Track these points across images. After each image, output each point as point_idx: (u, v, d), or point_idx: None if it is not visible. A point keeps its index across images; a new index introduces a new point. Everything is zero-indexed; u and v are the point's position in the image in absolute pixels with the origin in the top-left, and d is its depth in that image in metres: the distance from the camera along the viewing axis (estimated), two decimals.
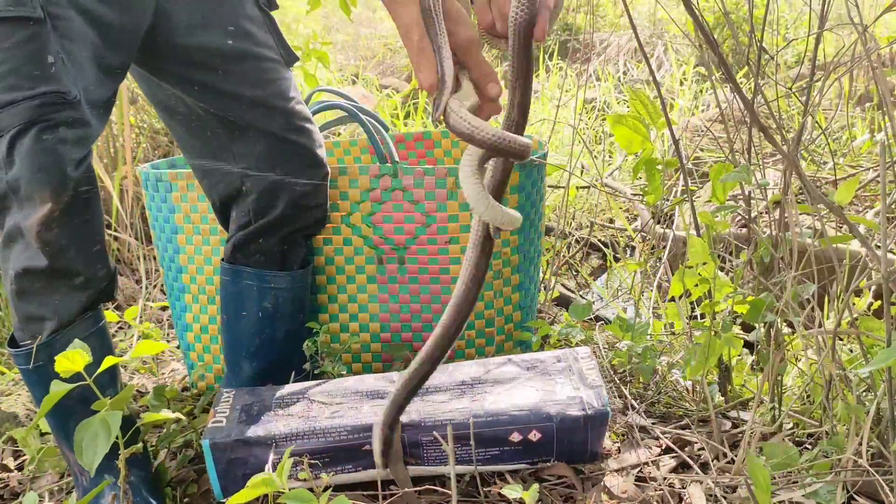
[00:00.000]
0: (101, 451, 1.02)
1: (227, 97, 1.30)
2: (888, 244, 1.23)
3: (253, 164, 1.35)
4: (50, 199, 1.06)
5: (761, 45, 1.40)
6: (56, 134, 1.06)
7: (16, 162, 1.05)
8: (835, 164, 2.52)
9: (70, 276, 1.12)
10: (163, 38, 1.25)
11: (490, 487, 1.20)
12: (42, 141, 1.05)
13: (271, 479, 0.94)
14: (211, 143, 1.35)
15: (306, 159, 1.37)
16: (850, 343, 1.49)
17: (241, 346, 1.45)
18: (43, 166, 1.05)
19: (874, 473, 1.01)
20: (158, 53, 1.27)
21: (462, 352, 1.63)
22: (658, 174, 1.35)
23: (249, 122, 1.32)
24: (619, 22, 5.82)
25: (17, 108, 1.05)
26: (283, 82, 1.35)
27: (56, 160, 1.06)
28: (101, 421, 1.03)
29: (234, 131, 1.33)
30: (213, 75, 1.28)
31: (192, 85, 1.29)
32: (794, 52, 4.58)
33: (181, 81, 1.29)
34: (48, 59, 1.06)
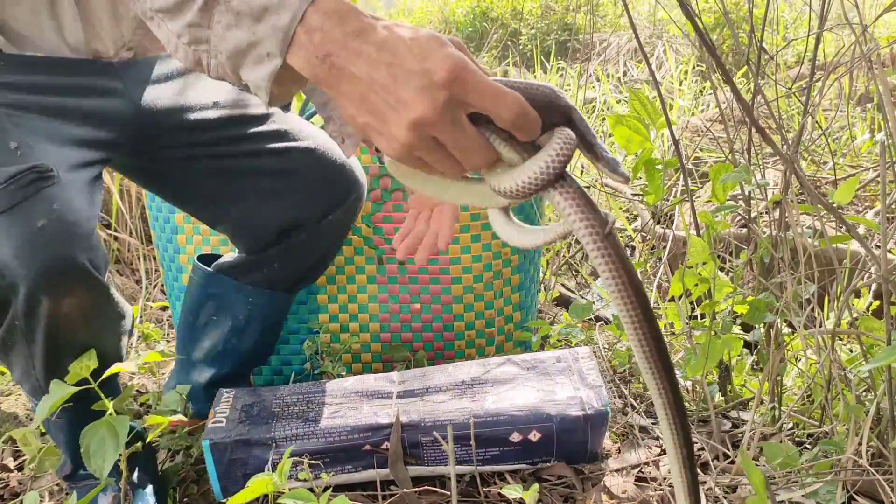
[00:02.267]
0: (109, 457, 1.01)
1: (242, 160, 1.26)
2: (888, 244, 1.23)
3: (286, 213, 1.29)
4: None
5: (761, 45, 1.40)
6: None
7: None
8: (835, 164, 2.52)
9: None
10: (152, 126, 1.20)
11: (490, 487, 1.20)
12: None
13: (271, 479, 0.94)
14: (239, 202, 1.30)
15: (339, 189, 1.32)
16: (850, 343, 1.49)
17: (200, 350, 1.40)
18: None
19: (874, 473, 1.01)
20: (154, 142, 1.21)
21: (462, 352, 1.63)
22: (658, 174, 1.35)
23: (273, 169, 1.27)
24: (619, 22, 5.83)
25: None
26: (289, 123, 1.30)
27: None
28: (107, 426, 1.02)
29: (261, 188, 1.29)
30: (215, 148, 1.25)
31: (198, 160, 1.25)
32: (794, 52, 4.58)
33: (185, 159, 1.25)
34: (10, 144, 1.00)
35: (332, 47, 0.62)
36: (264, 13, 0.63)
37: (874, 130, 2.98)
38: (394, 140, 0.62)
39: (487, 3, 6.86)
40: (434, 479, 1.22)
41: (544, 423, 1.19)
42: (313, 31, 0.62)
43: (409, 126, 0.60)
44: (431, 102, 0.59)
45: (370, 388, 1.30)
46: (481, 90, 0.60)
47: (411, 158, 0.63)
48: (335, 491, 1.14)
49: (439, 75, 0.59)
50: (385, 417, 1.20)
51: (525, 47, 6.18)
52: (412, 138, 0.61)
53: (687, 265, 1.33)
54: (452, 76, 0.59)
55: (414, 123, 0.60)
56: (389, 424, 1.18)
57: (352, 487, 1.20)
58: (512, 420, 1.19)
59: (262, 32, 0.63)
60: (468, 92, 0.60)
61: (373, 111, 0.62)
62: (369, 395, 1.28)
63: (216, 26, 0.66)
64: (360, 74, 0.61)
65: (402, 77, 0.60)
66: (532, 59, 5.57)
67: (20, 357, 1.04)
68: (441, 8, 7.19)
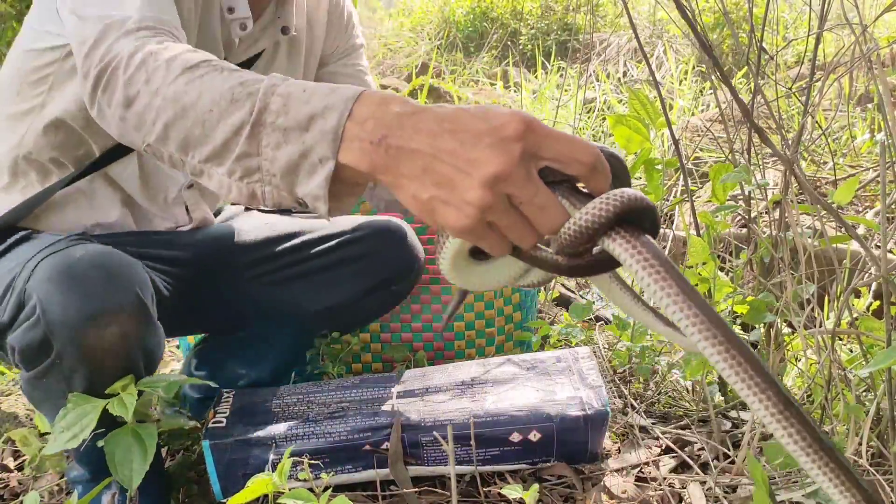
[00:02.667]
0: (138, 467, 0.98)
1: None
2: (888, 244, 1.23)
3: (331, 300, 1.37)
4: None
5: (761, 45, 1.40)
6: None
7: None
8: (835, 164, 2.52)
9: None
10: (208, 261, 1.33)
11: (490, 487, 1.20)
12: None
13: (271, 479, 0.94)
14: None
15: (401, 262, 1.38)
16: (850, 343, 1.49)
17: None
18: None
19: (874, 473, 1.01)
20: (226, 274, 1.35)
21: (462, 352, 1.63)
22: (658, 174, 1.35)
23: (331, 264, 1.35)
24: (619, 22, 5.82)
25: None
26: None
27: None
28: (133, 434, 1.00)
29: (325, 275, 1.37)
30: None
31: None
32: (794, 52, 4.58)
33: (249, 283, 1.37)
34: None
35: (387, 130, 0.59)
36: (311, 121, 0.62)
37: (874, 130, 2.98)
38: (466, 206, 0.57)
39: (487, 3, 6.85)
40: (434, 480, 1.22)
41: (544, 423, 1.19)
42: (365, 121, 0.60)
43: (483, 184, 0.56)
44: (508, 155, 0.55)
45: (370, 387, 1.30)
46: (555, 137, 0.57)
47: (482, 227, 0.58)
48: (335, 491, 1.14)
49: (511, 128, 0.56)
50: (385, 417, 1.20)
51: (525, 47, 6.17)
52: (488, 198, 0.56)
53: (687, 265, 1.33)
54: (524, 127, 0.56)
55: (490, 180, 0.55)
56: (389, 424, 1.18)
57: (352, 487, 1.20)
58: (512, 420, 1.19)
59: (312, 139, 0.62)
60: (541, 140, 0.57)
61: (439, 182, 0.57)
62: (369, 395, 1.28)
63: (265, 150, 0.65)
64: (423, 147, 0.58)
65: (470, 139, 0.56)
66: (532, 60, 5.57)
67: (53, 395, 1.01)
68: (441, 8, 7.18)
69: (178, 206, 1.31)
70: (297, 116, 0.63)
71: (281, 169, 0.64)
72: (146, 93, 0.74)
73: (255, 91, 0.66)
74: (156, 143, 0.73)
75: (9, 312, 0.99)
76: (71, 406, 0.98)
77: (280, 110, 0.64)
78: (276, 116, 0.64)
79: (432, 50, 6.46)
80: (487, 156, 0.55)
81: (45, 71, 1.12)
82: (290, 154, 0.64)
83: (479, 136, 0.56)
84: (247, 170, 0.67)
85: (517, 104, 4.15)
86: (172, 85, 0.72)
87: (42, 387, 1.02)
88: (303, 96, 0.64)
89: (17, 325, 0.98)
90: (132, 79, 0.75)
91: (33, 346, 0.96)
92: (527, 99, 4.14)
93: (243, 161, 0.67)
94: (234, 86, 0.68)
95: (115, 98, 0.77)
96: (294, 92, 0.65)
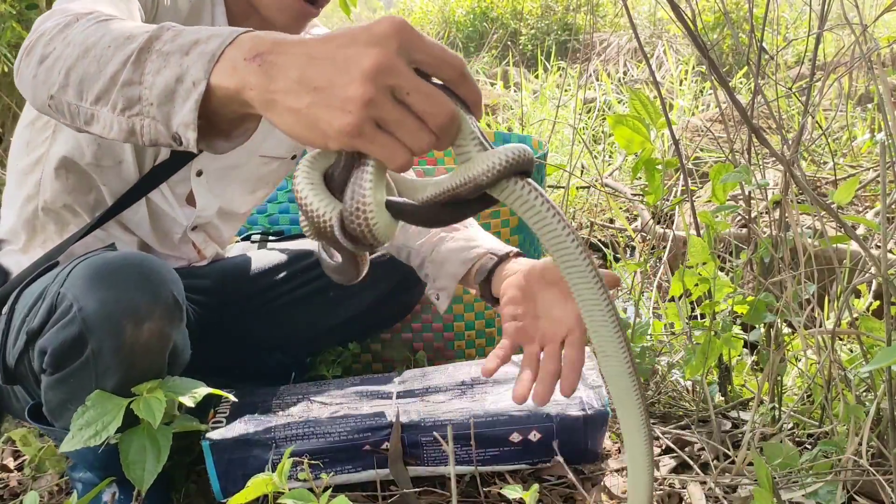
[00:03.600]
0: (150, 468, 0.98)
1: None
2: (888, 244, 1.22)
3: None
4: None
5: (761, 45, 1.40)
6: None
7: None
8: (835, 164, 2.52)
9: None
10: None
11: (490, 488, 1.20)
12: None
13: (271, 479, 0.94)
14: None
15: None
16: (850, 343, 1.49)
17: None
18: None
19: (874, 473, 1.01)
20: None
21: (462, 352, 1.63)
22: (658, 174, 1.35)
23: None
24: (619, 22, 5.83)
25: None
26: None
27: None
28: (148, 435, 1.00)
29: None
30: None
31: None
32: (794, 52, 4.58)
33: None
34: None
35: (264, 48, 0.57)
36: (193, 46, 0.61)
37: (874, 130, 2.98)
38: (349, 103, 0.53)
39: (487, 3, 6.86)
40: (434, 480, 1.22)
41: (544, 423, 1.19)
42: (243, 44, 0.58)
43: (364, 77, 0.53)
44: (385, 48, 0.53)
45: (370, 388, 1.30)
46: (427, 39, 0.56)
47: (370, 127, 0.54)
48: (335, 491, 1.14)
49: (384, 25, 0.54)
50: (385, 417, 1.20)
51: (525, 47, 6.18)
52: (370, 91, 0.53)
53: (687, 265, 1.33)
54: (398, 25, 0.54)
55: (370, 72, 0.53)
56: (389, 424, 1.18)
57: (352, 487, 1.20)
58: (512, 420, 1.19)
59: (189, 61, 0.60)
60: (415, 38, 0.55)
61: (317, 86, 0.54)
62: (369, 395, 1.28)
63: (146, 77, 0.63)
64: (297, 58, 0.55)
65: (345, 42, 0.54)
66: (532, 60, 5.57)
67: (79, 396, 1.00)
68: (441, 8, 7.18)
69: (186, 245, 1.34)
70: (182, 42, 0.61)
71: (158, 96, 0.62)
72: (60, 46, 0.72)
73: (150, 30, 0.65)
74: (58, 92, 0.71)
75: (40, 317, 1.00)
76: (90, 404, 0.98)
77: (169, 38, 0.63)
78: (164, 44, 0.63)
79: None
80: (364, 51, 0.53)
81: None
82: (167, 78, 0.61)
83: (354, 38, 0.54)
84: (128, 100, 0.64)
85: (518, 104, 4.14)
86: (83, 33, 0.70)
87: (68, 387, 1.01)
88: (197, 29, 0.62)
89: (49, 327, 0.99)
90: (52, 39, 0.74)
91: (67, 344, 0.96)
92: (527, 99, 4.14)
93: (125, 90, 0.64)
94: (135, 27, 0.66)
95: (33, 58, 0.75)
96: (186, 30, 0.63)
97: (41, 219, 1.19)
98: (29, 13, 2.21)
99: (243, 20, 1.14)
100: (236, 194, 1.33)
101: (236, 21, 1.14)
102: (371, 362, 1.62)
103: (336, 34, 0.56)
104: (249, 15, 1.13)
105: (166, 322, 1.00)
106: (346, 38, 0.55)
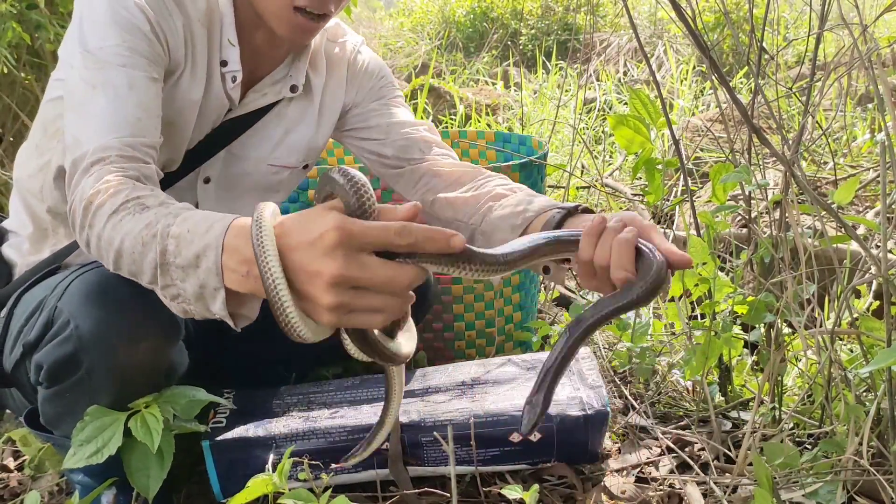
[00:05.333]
0: (155, 475, 0.99)
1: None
2: (888, 244, 1.22)
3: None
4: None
5: (762, 45, 1.40)
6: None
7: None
8: (835, 164, 2.52)
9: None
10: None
11: (490, 488, 1.20)
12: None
13: (271, 480, 0.94)
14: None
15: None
16: (850, 343, 1.49)
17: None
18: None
19: (874, 473, 1.01)
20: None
21: (462, 352, 1.63)
22: (658, 174, 1.35)
23: None
24: (620, 22, 5.82)
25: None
26: None
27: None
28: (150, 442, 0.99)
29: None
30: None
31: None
32: (795, 52, 4.58)
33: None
34: None
35: (248, 266, 0.73)
36: (198, 260, 0.77)
37: (874, 130, 2.98)
38: (322, 312, 0.70)
39: (487, 3, 6.85)
40: (434, 480, 1.22)
41: (544, 423, 1.19)
42: (233, 253, 0.75)
43: (326, 290, 0.68)
44: (334, 261, 0.68)
45: (370, 388, 1.30)
46: (367, 230, 0.69)
47: (349, 318, 0.70)
48: (335, 491, 1.14)
49: (328, 238, 0.68)
50: None
51: (525, 47, 6.18)
52: (335, 298, 0.69)
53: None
54: (338, 234, 0.68)
55: (330, 285, 0.68)
56: None
57: (352, 488, 1.20)
58: (512, 420, 1.19)
59: (203, 275, 0.77)
60: (357, 238, 0.68)
61: (301, 296, 0.71)
62: (369, 396, 1.27)
63: (176, 283, 0.80)
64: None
65: (306, 258, 0.70)
66: (532, 59, 5.57)
67: (76, 410, 1.01)
68: (441, 8, 7.18)
69: None
70: (188, 256, 0.78)
71: (192, 296, 0.79)
72: (93, 237, 0.88)
73: (156, 233, 0.81)
74: (114, 269, 0.88)
75: (36, 330, 1.01)
76: (89, 419, 0.98)
77: (175, 251, 0.79)
78: (174, 257, 0.79)
79: (432, 50, 6.46)
80: (320, 264, 0.68)
81: (59, 122, 1.15)
82: (193, 286, 0.78)
83: (314, 247, 0.69)
84: (173, 296, 0.81)
85: (518, 104, 4.14)
86: (105, 231, 0.86)
87: (64, 402, 1.02)
88: (187, 237, 0.78)
89: (45, 343, 0.99)
90: (82, 224, 0.90)
91: (62, 361, 0.97)
92: (527, 99, 4.14)
93: (167, 290, 0.81)
94: (142, 230, 0.82)
95: (81, 240, 0.92)
96: (182, 233, 0.79)
97: (51, 222, 1.20)
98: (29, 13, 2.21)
99: (252, 30, 1.15)
100: (245, 202, 1.32)
101: (245, 31, 1.15)
102: (371, 363, 1.62)
103: (295, 244, 0.71)
104: (258, 26, 1.14)
105: (162, 341, 1.01)
106: (306, 254, 0.70)
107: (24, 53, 2.40)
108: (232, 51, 1.14)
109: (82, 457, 0.95)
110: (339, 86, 1.31)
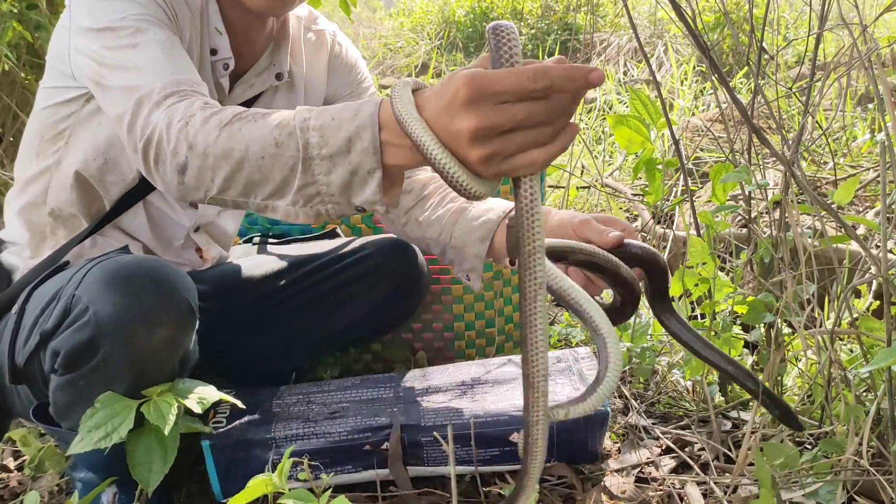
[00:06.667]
0: (157, 469, 0.98)
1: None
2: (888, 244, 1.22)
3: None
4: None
5: (761, 45, 1.40)
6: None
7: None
8: (835, 164, 2.52)
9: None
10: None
11: (490, 488, 1.20)
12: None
13: (271, 480, 0.94)
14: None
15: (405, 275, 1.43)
16: (850, 343, 1.49)
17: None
18: None
19: (874, 473, 1.01)
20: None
21: (462, 352, 1.63)
22: (658, 174, 1.35)
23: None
24: (620, 22, 5.82)
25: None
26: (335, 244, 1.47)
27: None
28: (156, 436, 1.00)
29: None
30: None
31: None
32: (795, 52, 4.58)
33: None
34: None
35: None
36: (350, 144, 0.76)
37: (874, 130, 2.98)
38: (478, 166, 0.69)
39: (487, 3, 6.86)
40: (434, 480, 1.22)
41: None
42: (388, 127, 0.74)
43: (471, 145, 0.67)
44: (470, 114, 0.66)
45: (370, 388, 1.30)
46: (498, 77, 0.65)
47: (510, 164, 0.68)
48: (335, 491, 1.14)
49: (460, 94, 0.66)
50: (385, 417, 1.20)
51: (525, 47, 6.17)
52: (483, 150, 0.67)
53: (687, 265, 1.33)
54: (469, 88, 0.66)
55: (472, 140, 0.67)
56: (389, 424, 1.18)
57: (352, 488, 1.20)
58: (512, 420, 1.19)
59: (357, 158, 0.76)
60: (487, 87, 0.65)
61: (458, 158, 0.70)
62: (369, 396, 1.28)
63: (319, 178, 0.79)
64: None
65: (447, 116, 0.69)
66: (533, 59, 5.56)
67: (88, 398, 1.01)
68: (441, 8, 7.18)
69: (188, 250, 1.35)
70: (337, 142, 0.77)
71: (337, 188, 0.78)
72: (195, 157, 0.85)
73: (292, 131, 0.79)
74: (218, 194, 0.86)
75: (54, 319, 1.01)
76: (100, 406, 0.98)
77: (320, 143, 0.77)
78: (319, 149, 0.78)
79: (432, 50, 6.46)
80: (459, 122, 0.67)
81: (63, 124, 1.16)
82: (341, 176, 0.77)
83: (451, 107, 0.68)
84: (308, 197, 0.80)
85: None
86: (217, 144, 0.83)
87: (78, 389, 1.02)
88: (333, 124, 0.77)
89: (62, 329, 0.99)
90: (176, 148, 0.86)
91: (80, 346, 0.97)
92: None
93: (303, 191, 0.80)
94: (271, 131, 0.80)
95: (168, 168, 0.88)
96: (325, 122, 0.78)
97: (51, 224, 1.20)
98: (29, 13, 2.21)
99: (228, 12, 1.18)
100: None
101: (226, 20, 1.18)
102: (371, 362, 1.62)
103: (433, 111, 0.70)
104: (234, 5, 1.16)
105: (178, 329, 1.01)
106: (444, 116, 0.69)
107: (24, 53, 2.40)
108: (220, 39, 1.17)
109: (90, 441, 0.94)
110: (321, 76, 1.34)
